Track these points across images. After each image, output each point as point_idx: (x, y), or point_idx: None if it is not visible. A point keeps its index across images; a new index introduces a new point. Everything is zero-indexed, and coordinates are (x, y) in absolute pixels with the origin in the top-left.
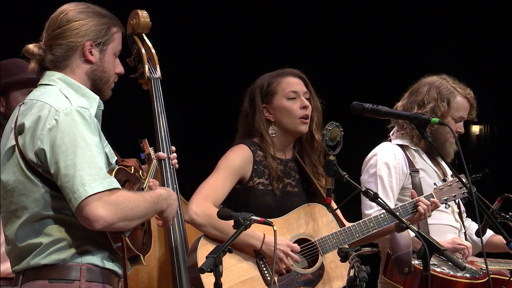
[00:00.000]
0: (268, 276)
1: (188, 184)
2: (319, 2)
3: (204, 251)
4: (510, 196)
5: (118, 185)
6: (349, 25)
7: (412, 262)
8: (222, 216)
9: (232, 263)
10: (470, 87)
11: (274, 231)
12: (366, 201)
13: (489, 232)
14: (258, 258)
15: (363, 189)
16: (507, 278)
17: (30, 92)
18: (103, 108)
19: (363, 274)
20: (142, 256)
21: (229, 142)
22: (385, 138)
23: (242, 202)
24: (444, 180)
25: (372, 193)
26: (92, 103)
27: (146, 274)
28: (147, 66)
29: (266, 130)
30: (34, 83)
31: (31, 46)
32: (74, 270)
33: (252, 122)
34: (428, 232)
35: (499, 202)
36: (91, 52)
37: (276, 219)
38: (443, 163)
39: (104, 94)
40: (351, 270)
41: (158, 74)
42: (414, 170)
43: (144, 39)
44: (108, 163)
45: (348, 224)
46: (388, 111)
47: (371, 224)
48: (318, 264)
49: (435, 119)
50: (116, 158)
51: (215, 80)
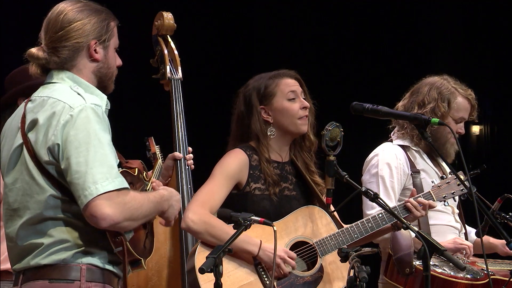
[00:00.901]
0: (267, 281)
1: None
2: (319, 2)
3: (201, 257)
4: (510, 196)
5: (127, 185)
6: (349, 25)
7: (413, 263)
8: (222, 216)
9: (230, 268)
10: (470, 87)
11: (274, 231)
12: (367, 201)
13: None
14: (256, 263)
15: (363, 189)
16: (507, 279)
17: None
18: (109, 107)
19: (363, 274)
20: (143, 260)
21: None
22: (385, 138)
23: (239, 207)
24: (442, 178)
25: (372, 193)
26: (101, 101)
27: (156, 273)
28: (168, 67)
29: (264, 132)
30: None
31: (34, 50)
32: (74, 270)
33: (249, 124)
34: (429, 232)
35: (499, 202)
36: (96, 50)
37: (273, 223)
38: (443, 163)
39: (109, 89)
40: (351, 270)
41: (179, 75)
42: (415, 171)
43: (168, 41)
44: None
45: (345, 225)
46: (388, 111)
47: (370, 224)
48: (317, 266)
49: (435, 119)
50: (118, 161)
51: (233, 82)
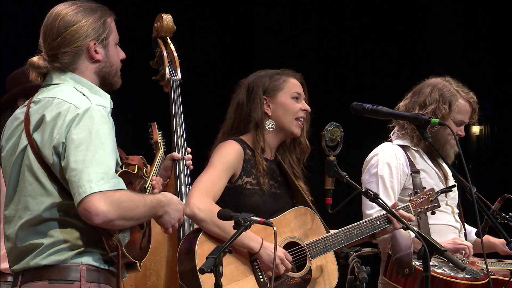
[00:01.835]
0: (261, 278)
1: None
2: (320, 2)
3: (204, 248)
4: (510, 197)
5: (124, 186)
6: (350, 25)
7: (413, 263)
8: (222, 216)
9: (224, 263)
10: (470, 87)
11: (274, 231)
12: (367, 201)
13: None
14: (251, 260)
15: (363, 189)
16: (507, 279)
17: None
18: (112, 107)
19: (363, 275)
20: (138, 262)
21: None
22: (385, 138)
23: (230, 201)
24: (416, 192)
25: (372, 193)
26: (105, 101)
27: (155, 273)
28: (167, 68)
29: (263, 121)
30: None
31: (35, 59)
32: (74, 271)
33: (249, 112)
34: (429, 232)
35: (499, 202)
36: (96, 51)
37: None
38: (443, 164)
39: (115, 85)
40: (351, 271)
41: (179, 76)
42: (415, 171)
43: (168, 42)
44: (116, 163)
45: (331, 230)
46: (388, 112)
47: (355, 231)
48: (306, 268)
49: (435, 120)
50: (119, 155)
51: (232, 83)
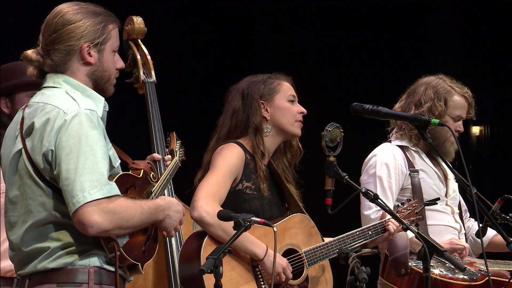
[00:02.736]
0: (263, 285)
1: (182, 185)
2: (319, 3)
3: (209, 251)
4: (510, 197)
5: (118, 192)
6: (349, 25)
7: (409, 264)
8: (222, 217)
9: (227, 269)
10: (470, 87)
11: (275, 232)
12: (365, 201)
13: (491, 232)
14: (253, 265)
15: (363, 190)
16: (506, 280)
17: (34, 94)
18: (108, 109)
19: (363, 275)
20: (140, 264)
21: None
22: (385, 139)
23: (229, 204)
24: (402, 204)
25: (372, 194)
26: (98, 104)
27: (142, 275)
28: (141, 71)
29: (262, 125)
30: (40, 85)
31: (29, 52)
32: (82, 273)
33: (247, 118)
34: (427, 233)
35: (499, 203)
36: (89, 53)
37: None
38: (443, 164)
39: (107, 92)
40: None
41: (153, 78)
42: (413, 171)
43: (140, 45)
44: (111, 167)
45: (326, 239)
46: (388, 112)
47: (348, 241)
48: (304, 276)
49: (435, 120)
50: (119, 161)
51: (211, 83)
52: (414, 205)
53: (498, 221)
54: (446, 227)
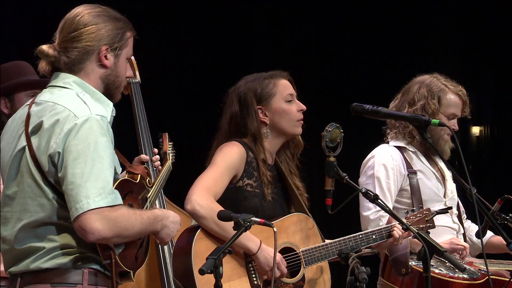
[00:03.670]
0: (255, 281)
1: (171, 185)
2: (318, 2)
3: (201, 244)
4: (510, 197)
5: (121, 201)
6: (349, 25)
7: (409, 263)
8: (222, 217)
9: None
10: (470, 87)
11: (275, 232)
12: (364, 202)
13: (488, 233)
14: (247, 261)
15: (363, 190)
16: (507, 279)
17: (34, 94)
18: (115, 114)
19: (363, 276)
20: (132, 272)
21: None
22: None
23: (229, 200)
24: (412, 210)
25: (372, 194)
26: (107, 108)
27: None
28: None
29: (260, 132)
30: (39, 85)
31: (45, 47)
32: (76, 274)
33: (244, 124)
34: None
35: (499, 203)
36: (106, 56)
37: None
38: (441, 163)
39: (115, 98)
40: (351, 271)
41: (138, 79)
42: (411, 172)
43: None
44: (115, 174)
45: (327, 240)
46: (388, 113)
47: (351, 243)
48: (300, 275)
49: (435, 121)
50: (121, 168)
51: (198, 82)
52: (425, 212)
53: (498, 221)
54: (445, 227)
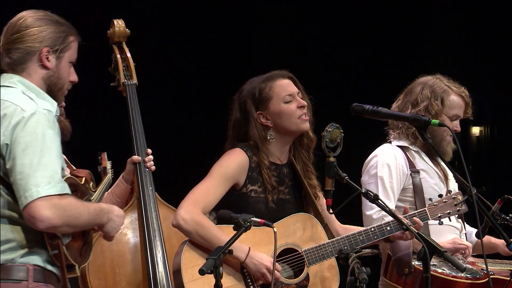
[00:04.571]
0: (251, 286)
1: (165, 187)
2: (319, 2)
3: (188, 256)
4: (510, 198)
5: (69, 191)
6: (349, 25)
7: (412, 263)
8: (222, 217)
9: None
10: (470, 87)
11: (275, 232)
12: (366, 202)
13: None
14: (242, 267)
15: (363, 190)
16: (508, 279)
17: None
18: (58, 114)
19: (363, 276)
20: (77, 266)
21: (207, 147)
22: (385, 139)
23: (234, 207)
24: (440, 196)
25: (372, 194)
26: (53, 105)
27: (124, 278)
28: (122, 73)
29: (262, 137)
30: None
31: None
32: (21, 271)
33: (246, 131)
34: (428, 233)
35: (499, 203)
36: (47, 58)
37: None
38: (442, 163)
39: (58, 100)
40: (351, 272)
41: (134, 80)
42: (414, 171)
43: (123, 48)
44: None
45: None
46: (388, 113)
47: (361, 238)
48: (303, 275)
49: (435, 121)
50: (68, 169)
51: (198, 82)
52: (453, 196)
53: (498, 221)
54: (447, 226)
